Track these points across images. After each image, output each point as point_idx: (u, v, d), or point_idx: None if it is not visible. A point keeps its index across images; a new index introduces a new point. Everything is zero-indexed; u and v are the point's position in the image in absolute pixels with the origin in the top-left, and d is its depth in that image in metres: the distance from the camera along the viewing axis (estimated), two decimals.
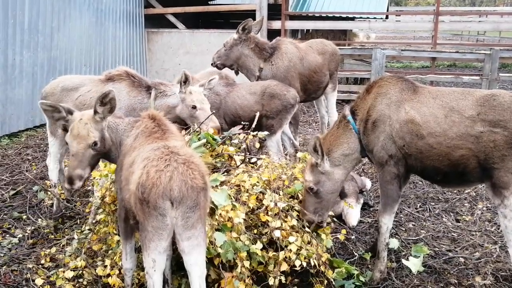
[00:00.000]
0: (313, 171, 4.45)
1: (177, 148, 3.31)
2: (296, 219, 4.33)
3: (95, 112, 3.71)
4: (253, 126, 5.40)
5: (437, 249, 5.19)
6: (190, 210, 3.12)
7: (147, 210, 3.08)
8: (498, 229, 5.57)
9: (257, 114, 5.76)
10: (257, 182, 4.42)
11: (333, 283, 4.29)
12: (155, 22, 14.68)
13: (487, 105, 3.91)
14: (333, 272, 4.32)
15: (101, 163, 4.59)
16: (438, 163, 4.07)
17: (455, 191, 6.82)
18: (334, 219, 4.85)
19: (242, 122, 5.65)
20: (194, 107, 5.34)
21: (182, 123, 5.42)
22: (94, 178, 4.58)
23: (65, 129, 5.35)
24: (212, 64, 7.26)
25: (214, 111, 5.53)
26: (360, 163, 6.50)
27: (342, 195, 4.87)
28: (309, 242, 4.23)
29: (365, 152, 4.49)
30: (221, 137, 5.05)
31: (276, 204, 4.25)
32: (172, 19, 14.32)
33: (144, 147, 3.45)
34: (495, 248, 5.11)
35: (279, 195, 4.46)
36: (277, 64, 7.09)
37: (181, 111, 5.42)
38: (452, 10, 33.47)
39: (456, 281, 4.55)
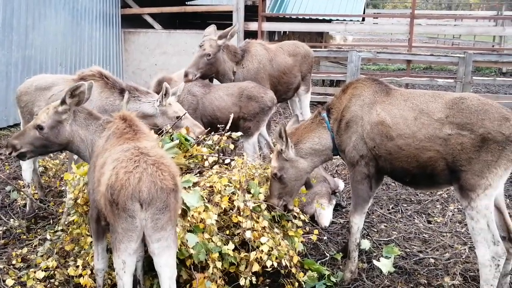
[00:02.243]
0: (278, 158, 4.55)
1: (147, 149, 3.29)
2: (268, 221, 4.37)
3: (62, 102, 3.79)
4: (227, 127, 5.41)
5: (408, 250, 5.27)
6: (160, 212, 3.11)
7: (116, 212, 3.08)
8: (468, 230, 5.66)
9: (231, 116, 5.76)
10: (229, 183, 4.43)
11: (304, 285, 4.33)
12: (132, 22, 14.58)
13: (456, 108, 3.97)
14: (304, 275, 4.36)
15: (73, 165, 4.57)
16: (407, 164, 4.13)
17: (427, 193, 6.91)
18: (306, 220, 4.88)
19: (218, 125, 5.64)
20: (178, 118, 5.37)
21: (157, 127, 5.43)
22: (67, 179, 4.55)
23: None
24: (189, 80, 6.44)
25: (186, 112, 5.53)
26: (329, 161, 6.50)
27: (307, 185, 4.94)
28: (280, 244, 4.26)
29: (337, 151, 4.55)
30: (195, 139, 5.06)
31: (246, 204, 4.28)
32: (149, 19, 14.25)
33: (115, 148, 3.44)
34: (465, 249, 5.22)
35: (251, 195, 4.49)
36: (247, 66, 7.07)
37: (163, 123, 5.44)
38: (428, 13, 33.87)
39: (425, 281, 4.62)
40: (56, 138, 3.84)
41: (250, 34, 12.58)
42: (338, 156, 4.70)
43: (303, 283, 4.32)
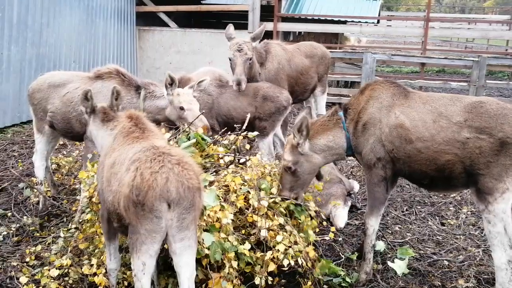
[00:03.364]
0: (292, 151, 4.51)
1: (167, 148, 3.28)
2: (283, 217, 4.35)
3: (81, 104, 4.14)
4: (244, 127, 5.39)
5: (422, 251, 5.24)
6: (186, 211, 3.10)
7: (141, 213, 3.03)
8: (482, 233, 5.64)
9: (248, 116, 5.74)
10: (244, 182, 4.42)
11: (320, 281, 4.32)
12: (147, 20, 14.61)
13: (475, 112, 3.96)
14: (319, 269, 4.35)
15: (88, 163, 4.59)
16: (425, 167, 4.12)
17: (441, 195, 6.88)
18: (323, 217, 4.87)
19: (234, 125, 5.61)
20: (181, 108, 5.31)
21: (172, 124, 5.43)
22: (82, 177, 4.56)
23: (52, 126, 5.38)
24: (242, 88, 6.27)
25: (203, 111, 5.50)
26: (344, 162, 6.49)
27: (318, 177, 4.93)
28: (295, 242, 4.23)
29: (351, 151, 4.53)
30: (211, 137, 5.05)
31: (259, 202, 4.27)
32: (164, 17, 14.26)
33: (124, 147, 3.43)
34: (478, 252, 5.18)
35: (263, 191, 4.47)
36: (268, 67, 7.03)
37: (170, 113, 5.41)
38: (442, 16, 33.67)
39: (439, 284, 4.60)
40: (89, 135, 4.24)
41: (265, 34, 12.53)
42: (352, 157, 4.68)
43: (318, 278, 4.31)
